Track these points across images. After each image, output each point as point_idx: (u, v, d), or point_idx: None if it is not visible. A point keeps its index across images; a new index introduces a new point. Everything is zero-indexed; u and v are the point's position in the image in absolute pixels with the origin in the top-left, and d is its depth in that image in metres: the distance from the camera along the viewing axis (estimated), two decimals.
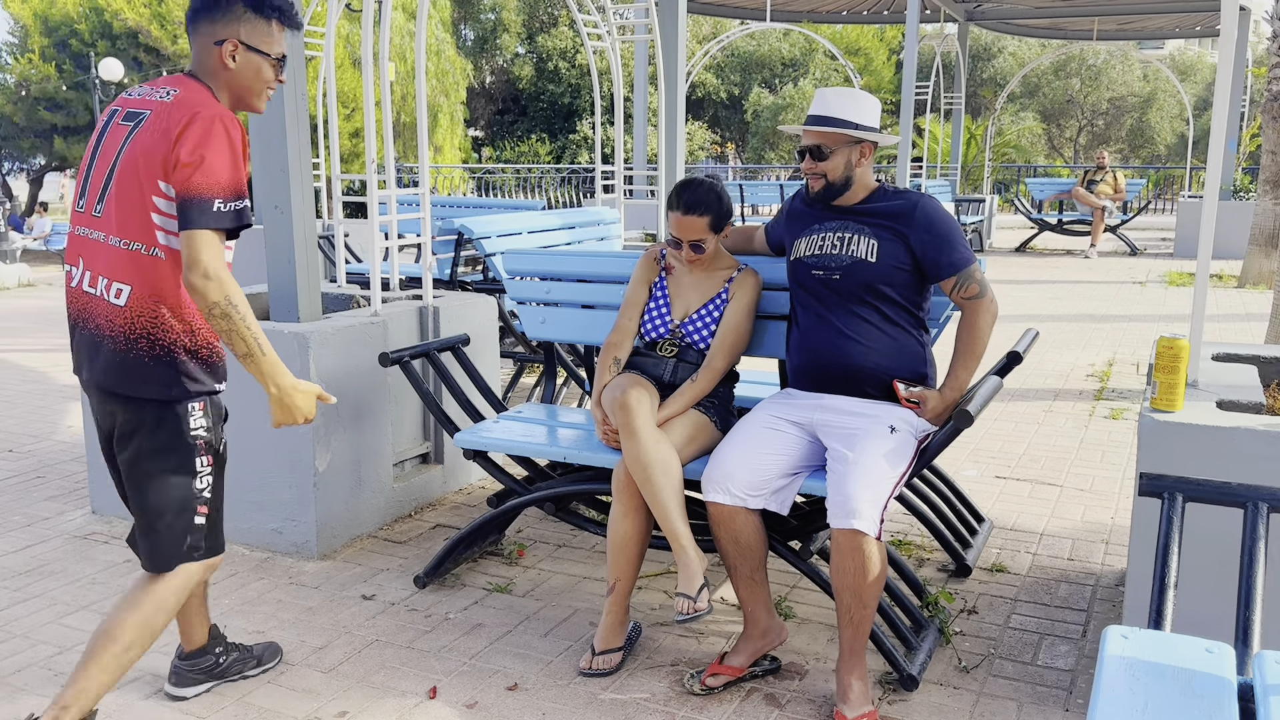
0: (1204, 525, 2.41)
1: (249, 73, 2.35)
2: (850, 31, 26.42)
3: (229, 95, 2.37)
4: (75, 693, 2.27)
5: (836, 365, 2.80)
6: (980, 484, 4.36)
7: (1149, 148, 30.83)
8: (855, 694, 2.50)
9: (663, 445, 2.72)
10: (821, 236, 2.89)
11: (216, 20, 2.31)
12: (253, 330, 2.24)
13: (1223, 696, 1.32)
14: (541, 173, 19.42)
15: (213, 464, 2.39)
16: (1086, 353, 7.16)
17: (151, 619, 2.34)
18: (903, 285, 2.81)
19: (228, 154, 2.22)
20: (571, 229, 5.51)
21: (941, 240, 2.77)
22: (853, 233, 2.84)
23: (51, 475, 4.56)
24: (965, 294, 2.78)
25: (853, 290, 2.80)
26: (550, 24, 25.84)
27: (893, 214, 2.82)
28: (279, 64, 2.38)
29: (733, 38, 20.13)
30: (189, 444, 2.35)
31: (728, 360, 3.01)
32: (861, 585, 2.46)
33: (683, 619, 2.58)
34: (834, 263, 2.83)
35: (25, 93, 18.86)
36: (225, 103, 2.36)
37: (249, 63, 2.34)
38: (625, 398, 2.76)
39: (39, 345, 7.80)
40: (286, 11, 2.36)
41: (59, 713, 2.24)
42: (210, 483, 2.39)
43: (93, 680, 2.28)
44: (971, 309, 2.78)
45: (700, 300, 3.05)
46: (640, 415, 2.73)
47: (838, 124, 2.79)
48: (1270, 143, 10.33)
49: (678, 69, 7.22)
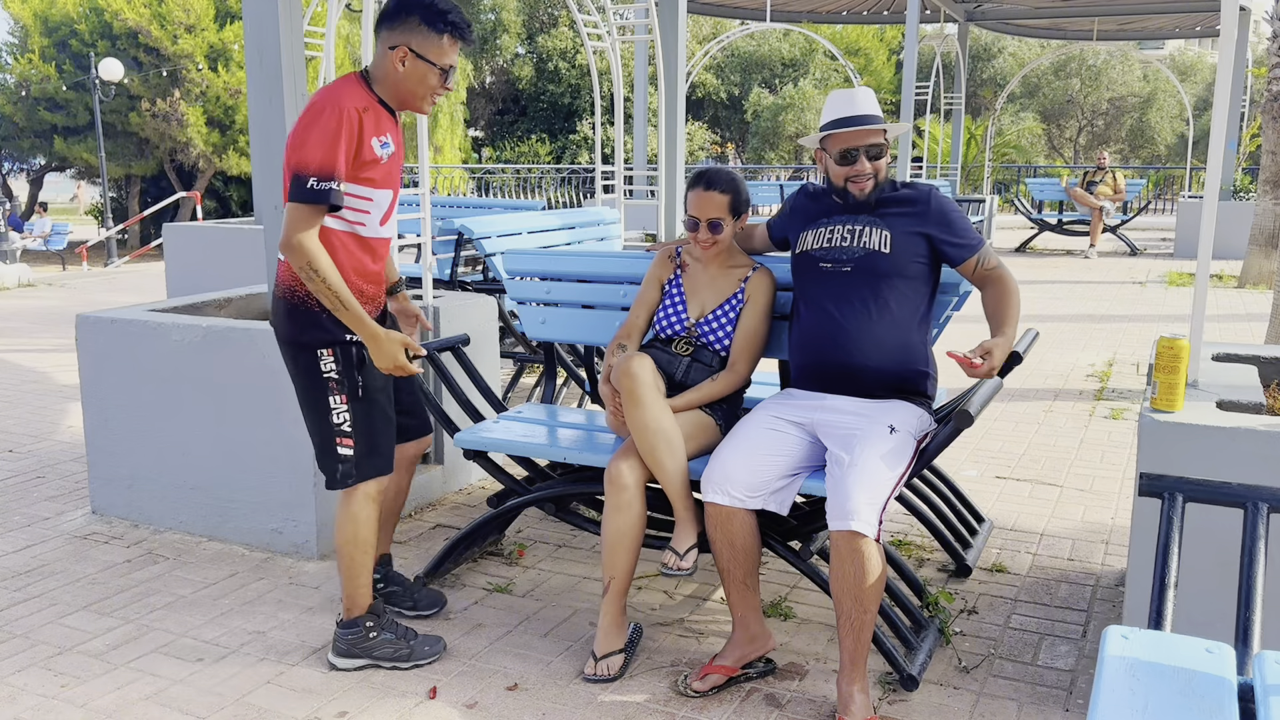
0: (1204, 525, 2.41)
1: (414, 78, 2.60)
2: (850, 31, 26.42)
3: (395, 96, 2.64)
4: (344, 597, 2.79)
5: (842, 363, 2.79)
6: (980, 484, 4.36)
7: (1149, 148, 30.81)
8: (858, 705, 2.48)
9: (666, 414, 2.73)
10: (830, 229, 2.88)
11: (394, 28, 2.57)
12: (334, 289, 2.54)
13: (1223, 696, 1.32)
14: (541, 173, 19.42)
15: (347, 402, 2.69)
16: (1086, 353, 7.16)
17: (346, 531, 2.75)
18: (915, 278, 2.82)
19: (328, 139, 2.47)
20: (571, 229, 5.51)
21: (956, 225, 2.86)
22: (864, 225, 2.84)
23: (51, 475, 4.56)
24: (987, 267, 2.86)
25: (863, 283, 2.79)
26: (550, 24, 25.84)
27: (905, 207, 2.84)
28: (444, 74, 2.63)
29: (733, 38, 20.13)
30: (322, 383, 2.68)
31: (750, 365, 3.01)
32: (861, 588, 2.45)
33: (667, 572, 2.68)
34: (844, 255, 2.83)
35: (25, 93, 18.87)
36: (392, 103, 2.64)
37: (415, 69, 2.59)
38: (628, 365, 2.74)
39: (39, 345, 7.80)
40: (459, 26, 2.61)
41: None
42: (350, 418, 2.69)
43: (344, 585, 2.79)
44: (998, 276, 2.85)
45: (716, 300, 3.04)
46: (644, 383, 2.72)
47: (880, 121, 2.85)
48: (1270, 143, 10.32)
49: (678, 69, 7.21)
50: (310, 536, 3.58)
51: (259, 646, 2.96)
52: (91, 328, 3.90)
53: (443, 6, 2.59)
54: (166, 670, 2.82)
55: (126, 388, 3.85)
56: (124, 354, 3.83)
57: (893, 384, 2.79)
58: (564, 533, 3.84)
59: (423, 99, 2.65)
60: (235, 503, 3.71)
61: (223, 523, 3.75)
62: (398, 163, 2.71)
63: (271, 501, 3.63)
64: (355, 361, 2.68)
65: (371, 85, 2.63)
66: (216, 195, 21.34)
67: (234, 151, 18.65)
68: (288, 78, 3.54)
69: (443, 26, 2.57)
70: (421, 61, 2.58)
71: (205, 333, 3.65)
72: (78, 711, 2.61)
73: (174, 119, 18.18)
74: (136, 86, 18.26)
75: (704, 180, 2.95)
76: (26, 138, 19.78)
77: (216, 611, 3.18)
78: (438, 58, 2.59)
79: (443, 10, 2.58)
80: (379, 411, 2.74)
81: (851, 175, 2.83)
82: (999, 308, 2.81)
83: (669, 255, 3.15)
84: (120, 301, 10.09)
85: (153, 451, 3.84)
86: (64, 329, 8.46)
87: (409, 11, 2.56)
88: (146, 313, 3.91)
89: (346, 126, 2.49)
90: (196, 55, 18.13)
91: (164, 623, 3.11)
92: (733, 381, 2.98)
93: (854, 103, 2.85)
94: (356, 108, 2.52)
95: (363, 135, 2.53)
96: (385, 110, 2.64)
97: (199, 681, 2.76)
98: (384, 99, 2.64)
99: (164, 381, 3.76)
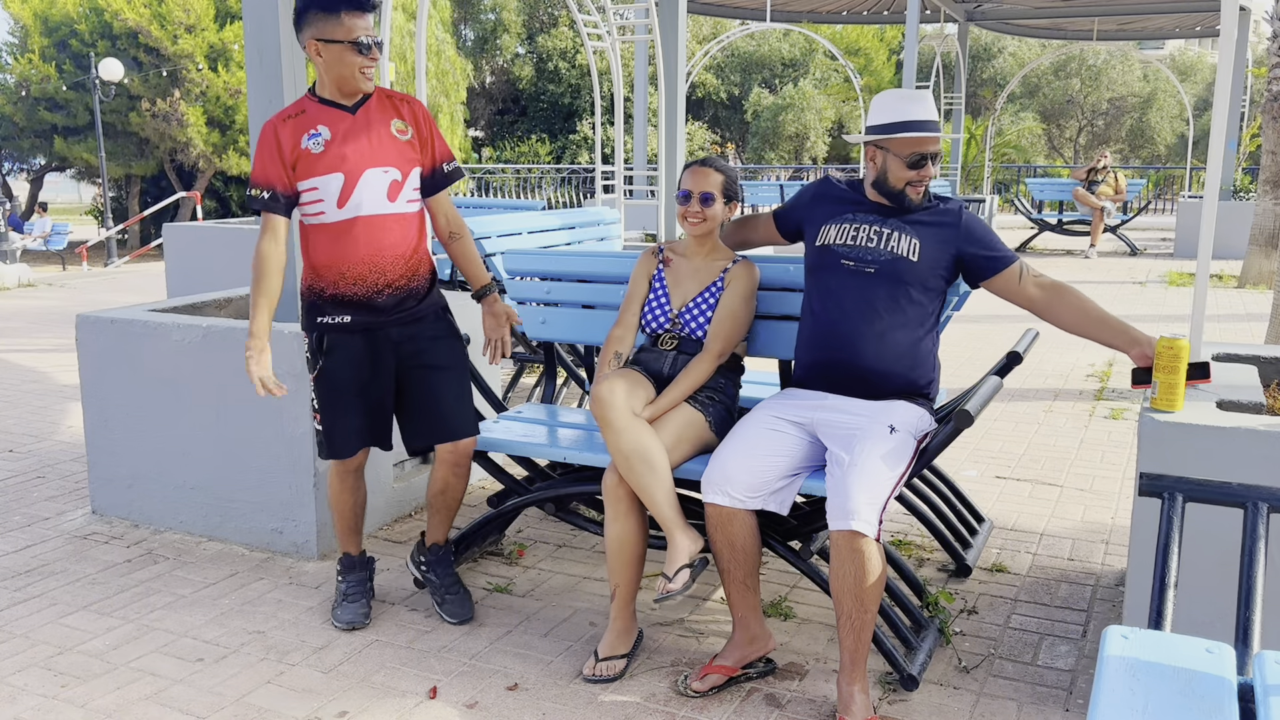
0: (1204, 525, 2.41)
1: (334, 63, 2.77)
2: (850, 31, 26.41)
3: (332, 87, 2.83)
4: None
5: (853, 365, 2.78)
6: (980, 484, 4.36)
7: (1149, 148, 30.81)
8: (858, 705, 2.48)
9: (642, 433, 2.69)
10: (856, 227, 2.85)
11: (301, 29, 2.77)
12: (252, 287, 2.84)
13: (1223, 696, 1.32)
14: (541, 173, 19.41)
15: (314, 381, 2.95)
16: (1086, 353, 7.16)
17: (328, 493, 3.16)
18: (934, 289, 2.82)
19: (259, 155, 2.82)
20: (571, 229, 5.50)
21: (990, 244, 2.83)
22: (893, 229, 2.81)
23: (51, 475, 4.56)
24: (1036, 276, 2.81)
25: (886, 286, 2.77)
26: (550, 24, 25.83)
27: (938, 221, 2.82)
28: (357, 46, 2.75)
29: (733, 38, 20.13)
30: (305, 363, 3.06)
31: (724, 344, 2.97)
32: (861, 588, 2.45)
33: (659, 599, 2.63)
34: (870, 256, 2.80)
35: (25, 93, 18.86)
36: (333, 96, 2.83)
37: (329, 54, 2.76)
38: (597, 390, 2.74)
39: (39, 345, 7.80)
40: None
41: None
42: (315, 397, 2.97)
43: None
44: (1055, 287, 2.79)
45: (698, 288, 3.04)
46: (613, 406, 2.70)
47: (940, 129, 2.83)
48: (1270, 143, 10.32)
49: (678, 69, 7.21)
50: (310, 536, 3.58)
51: (259, 646, 2.96)
52: (91, 328, 3.90)
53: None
54: (166, 670, 2.82)
55: (126, 388, 3.85)
56: (124, 354, 3.83)
57: (899, 388, 2.79)
58: (564, 533, 3.84)
59: (352, 78, 2.80)
60: (235, 503, 3.71)
61: (223, 523, 3.75)
62: (348, 146, 2.83)
63: (271, 501, 3.63)
64: (316, 347, 2.95)
65: (314, 91, 2.88)
66: (216, 195, 21.34)
67: (234, 151, 18.65)
68: (288, 78, 3.54)
69: (336, 5, 2.72)
70: (330, 45, 2.75)
71: (205, 333, 3.65)
72: (78, 711, 2.61)
73: (174, 119, 18.18)
74: (136, 86, 18.26)
75: (701, 160, 3.03)
76: (26, 138, 19.76)
77: (216, 611, 3.18)
78: (345, 35, 2.74)
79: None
80: (338, 399, 2.95)
81: (917, 179, 2.81)
82: (1089, 310, 2.74)
83: (653, 252, 3.16)
84: (120, 301, 10.09)
85: (153, 451, 3.85)
86: (64, 329, 8.46)
87: (305, 8, 2.75)
88: (146, 313, 3.92)
89: (265, 141, 2.81)
90: (196, 55, 18.13)
91: (164, 623, 3.11)
92: (708, 364, 2.93)
93: (924, 106, 2.81)
94: (275, 122, 2.82)
95: (281, 141, 2.80)
96: (325, 106, 2.84)
97: (199, 681, 2.76)
98: (326, 98, 2.85)
99: (164, 381, 3.76)
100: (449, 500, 3.12)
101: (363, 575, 3.18)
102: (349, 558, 3.18)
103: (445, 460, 3.05)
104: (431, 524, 3.17)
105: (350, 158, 2.82)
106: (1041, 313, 2.80)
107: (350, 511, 3.13)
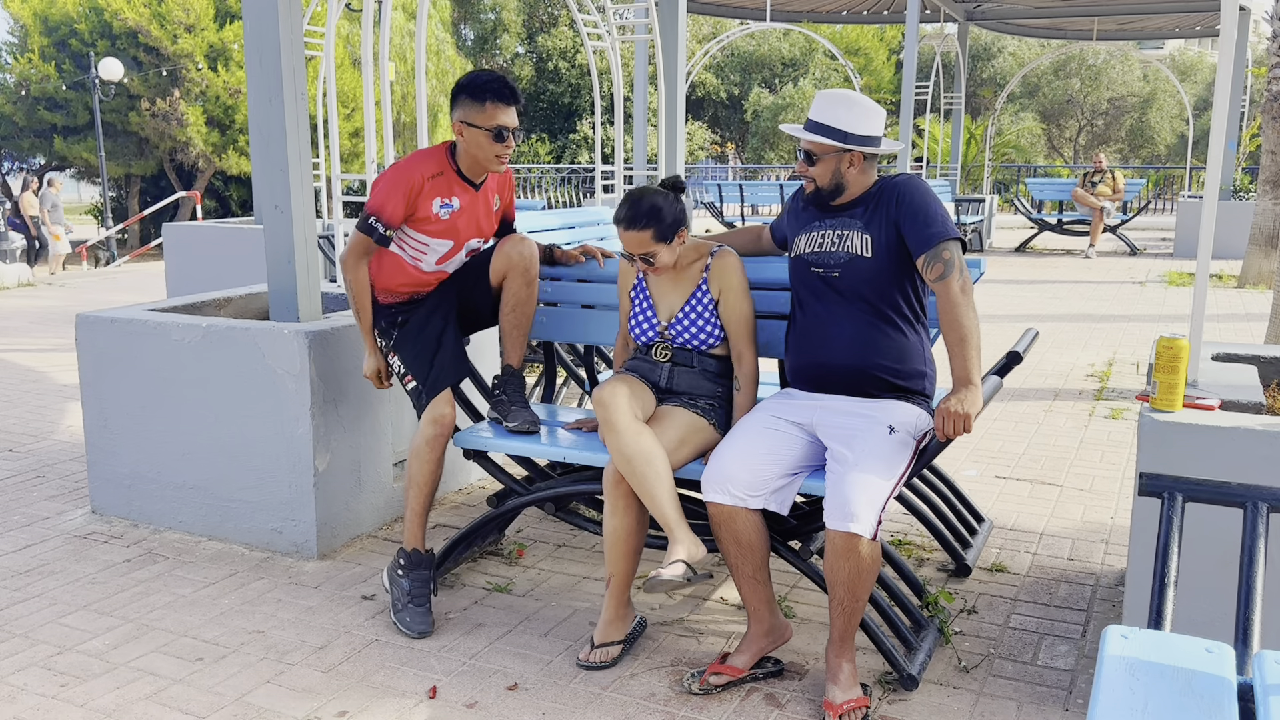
0: (1204, 525, 2.41)
1: (473, 144, 3.07)
2: (850, 31, 26.42)
3: (467, 164, 3.14)
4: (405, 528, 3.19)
5: (835, 365, 2.78)
6: (980, 484, 4.36)
7: (1149, 148, 30.82)
8: (845, 675, 2.55)
9: (643, 436, 2.71)
10: (820, 234, 2.85)
11: (454, 109, 3.06)
12: (353, 302, 3.20)
13: (1223, 696, 1.32)
14: (541, 173, 19.41)
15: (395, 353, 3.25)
16: (1086, 353, 7.16)
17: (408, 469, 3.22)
18: (902, 277, 2.74)
19: (391, 189, 3.06)
20: (571, 229, 5.50)
21: (915, 213, 2.66)
22: (848, 229, 2.79)
23: (51, 475, 4.56)
24: (932, 274, 2.61)
25: (852, 287, 2.76)
26: (550, 24, 25.83)
27: (882, 203, 2.76)
28: (495, 133, 3.04)
29: (733, 38, 20.13)
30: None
31: (754, 347, 3.00)
32: (855, 582, 2.48)
33: (647, 580, 2.62)
34: (832, 260, 2.79)
35: (25, 92, 18.86)
36: (467, 171, 3.15)
37: (472, 137, 3.06)
38: (600, 393, 2.76)
39: (39, 345, 7.80)
40: (499, 91, 3.02)
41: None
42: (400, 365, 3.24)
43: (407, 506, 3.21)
44: (938, 292, 2.60)
45: (681, 298, 3.01)
46: (617, 409, 2.72)
47: (827, 132, 2.73)
48: (1270, 143, 10.32)
49: (678, 69, 7.21)
50: (310, 536, 3.58)
51: (259, 646, 2.96)
52: (91, 327, 3.90)
53: (482, 80, 3.02)
54: (166, 670, 2.82)
55: (126, 388, 3.85)
56: (124, 354, 3.83)
57: (889, 385, 2.76)
58: (564, 533, 3.84)
59: (486, 161, 3.10)
60: (235, 503, 3.71)
61: (223, 522, 3.75)
62: (464, 218, 3.19)
63: (271, 501, 3.63)
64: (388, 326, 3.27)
65: (454, 157, 3.15)
66: (216, 195, 21.34)
67: (234, 151, 18.65)
68: (288, 78, 3.54)
69: (483, 95, 3.01)
70: (473, 129, 3.04)
71: (205, 333, 3.65)
72: (78, 711, 2.61)
73: (174, 119, 18.18)
74: (136, 86, 18.26)
75: (622, 221, 2.87)
76: (26, 137, 19.76)
77: (216, 611, 3.18)
78: (485, 121, 3.02)
79: (483, 83, 3.02)
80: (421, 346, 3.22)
81: (799, 172, 2.83)
82: (945, 338, 2.57)
83: (629, 261, 3.11)
84: (120, 301, 10.09)
85: (152, 451, 3.84)
86: (64, 329, 8.46)
87: (459, 92, 3.05)
88: (146, 312, 3.91)
89: (405, 185, 3.06)
90: (196, 55, 18.13)
91: (164, 622, 3.11)
92: (751, 373, 2.98)
93: (817, 107, 2.77)
94: (424, 174, 3.09)
95: (418, 193, 3.08)
96: (460, 179, 3.15)
97: (199, 681, 2.76)
98: (461, 169, 3.15)
99: (164, 381, 3.76)
100: (520, 319, 3.30)
101: (427, 575, 3.11)
102: (416, 554, 3.12)
103: (514, 271, 3.25)
104: (506, 346, 3.34)
105: (463, 231, 3.21)
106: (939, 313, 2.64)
107: (431, 484, 3.15)
